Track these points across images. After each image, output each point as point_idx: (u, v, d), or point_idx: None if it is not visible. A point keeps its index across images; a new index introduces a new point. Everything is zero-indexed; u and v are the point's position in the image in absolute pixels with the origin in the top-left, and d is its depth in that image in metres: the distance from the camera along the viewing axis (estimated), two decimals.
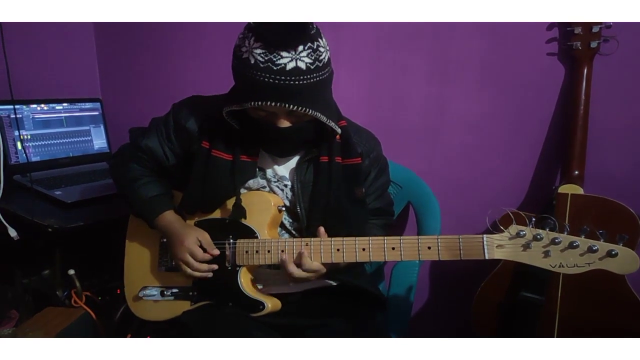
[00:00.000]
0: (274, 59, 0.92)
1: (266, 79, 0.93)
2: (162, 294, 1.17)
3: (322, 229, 1.04)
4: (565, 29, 1.36)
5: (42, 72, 1.94)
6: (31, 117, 1.74)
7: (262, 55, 0.93)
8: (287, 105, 0.95)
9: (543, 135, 1.48)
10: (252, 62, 0.94)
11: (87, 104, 1.94)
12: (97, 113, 1.97)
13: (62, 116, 1.85)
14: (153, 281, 1.21)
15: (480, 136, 1.56)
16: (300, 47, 0.93)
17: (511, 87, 1.49)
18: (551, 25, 1.40)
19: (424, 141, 1.63)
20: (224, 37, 1.83)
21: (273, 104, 0.95)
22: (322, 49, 0.97)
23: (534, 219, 0.89)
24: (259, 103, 0.95)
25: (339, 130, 1.08)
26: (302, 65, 0.93)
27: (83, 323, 1.40)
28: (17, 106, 1.65)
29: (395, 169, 1.50)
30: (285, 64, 0.92)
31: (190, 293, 1.15)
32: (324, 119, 1.01)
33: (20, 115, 1.71)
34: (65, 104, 1.86)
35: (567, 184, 1.32)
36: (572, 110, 1.35)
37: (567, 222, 0.89)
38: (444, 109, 1.59)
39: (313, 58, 0.95)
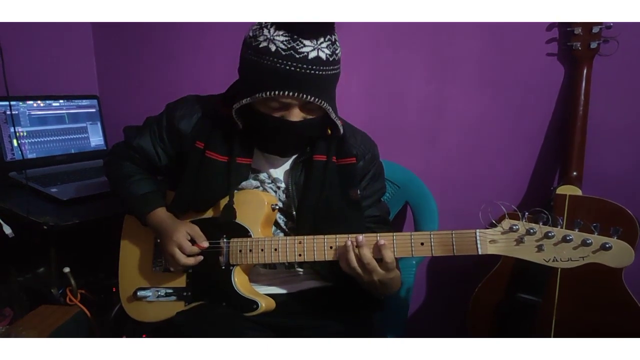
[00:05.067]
0: (297, 47, 0.92)
1: (287, 67, 0.92)
2: (156, 295, 1.17)
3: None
4: (565, 29, 1.35)
5: (39, 69, 1.93)
6: (27, 113, 1.73)
7: (284, 42, 0.92)
8: (305, 96, 0.94)
9: (542, 135, 1.47)
10: (273, 49, 0.93)
11: (84, 100, 1.93)
12: (94, 110, 1.96)
13: (58, 113, 1.84)
14: (147, 282, 1.20)
15: (479, 136, 1.55)
16: (322, 38, 0.94)
17: (510, 87, 1.48)
18: (551, 26, 1.40)
19: (423, 141, 1.62)
20: (223, 35, 1.83)
21: (292, 93, 0.94)
22: (338, 44, 0.98)
23: (527, 213, 0.88)
24: (276, 92, 0.94)
25: (342, 130, 1.08)
26: (322, 55, 0.94)
27: (78, 321, 1.39)
28: (13, 102, 1.64)
29: (393, 169, 1.49)
30: (307, 53, 0.92)
31: (185, 293, 1.14)
32: (333, 115, 1.01)
33: (17, 112, 1.69)
34: (62, 101, 1.85)
35: (565, 184, 1.31)
36: (571, 111, 1.35)
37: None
38: (443, 109, 1.58)
39: (331, 50, 0.95)
